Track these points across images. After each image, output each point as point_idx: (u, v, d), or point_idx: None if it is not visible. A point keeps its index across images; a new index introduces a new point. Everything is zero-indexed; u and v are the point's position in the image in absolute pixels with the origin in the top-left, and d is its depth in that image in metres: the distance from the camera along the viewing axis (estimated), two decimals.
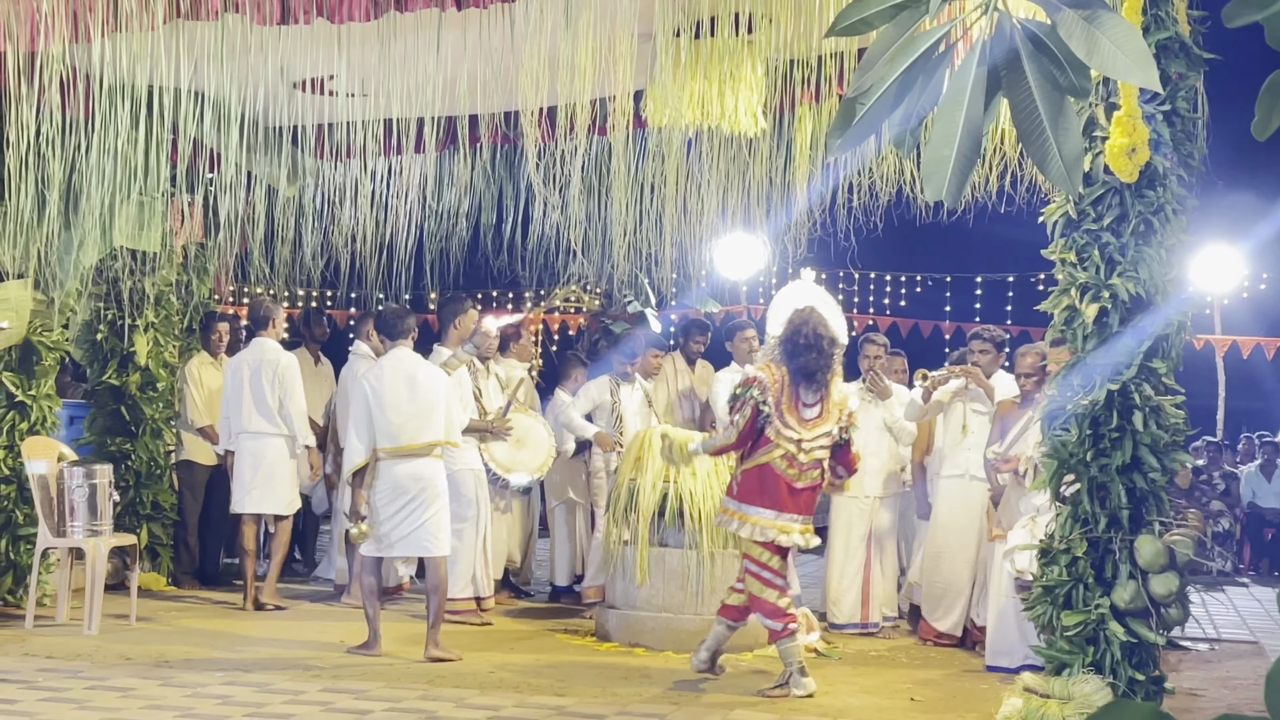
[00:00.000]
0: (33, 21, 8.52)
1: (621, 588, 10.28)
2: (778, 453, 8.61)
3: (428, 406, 9.54)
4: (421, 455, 9.51)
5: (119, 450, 12.09)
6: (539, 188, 10.75)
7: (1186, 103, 7.51)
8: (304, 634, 10.07)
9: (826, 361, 8.66)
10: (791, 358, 8.70)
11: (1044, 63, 3.17)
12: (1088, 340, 7.49)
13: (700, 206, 11.19)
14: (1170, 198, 7.45)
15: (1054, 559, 7.60)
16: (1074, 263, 7.56)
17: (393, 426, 9.46)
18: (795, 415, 8.65)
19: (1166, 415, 7.47)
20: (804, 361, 8.64)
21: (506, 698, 8.05)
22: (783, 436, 8.60)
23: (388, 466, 9.45)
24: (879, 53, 3.26)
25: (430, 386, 9.61)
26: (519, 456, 11.39)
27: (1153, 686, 7.47)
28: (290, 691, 7.97)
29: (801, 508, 8.66)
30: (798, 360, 8.66)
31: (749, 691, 8.55)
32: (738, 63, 9.25)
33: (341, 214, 11.63)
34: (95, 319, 12.18)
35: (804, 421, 8.65)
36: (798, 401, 8.66)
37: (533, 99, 9.09)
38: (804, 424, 8.65)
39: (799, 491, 8.63)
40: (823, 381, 8.68)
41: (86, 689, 7.86)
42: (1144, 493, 7.44)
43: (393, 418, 9.47)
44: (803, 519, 8.67)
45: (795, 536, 8.63)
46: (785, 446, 8.60)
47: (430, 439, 9.52)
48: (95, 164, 9.46)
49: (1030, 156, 3.24)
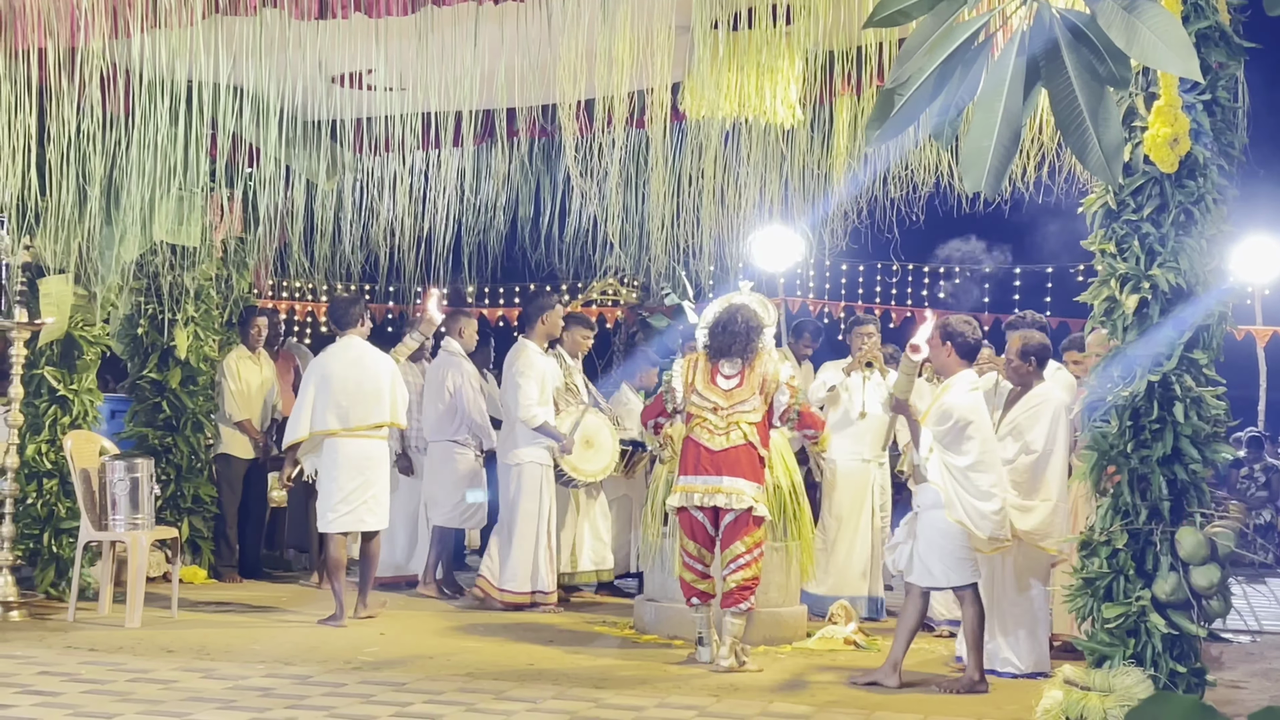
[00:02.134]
0: (73, 17, 8.57)
1: (660, 580, 10.29)
2: (695, 423, 9.34)
3: (375, 391, 10.46)
4: (368, 436, 10.48)
5: (160, 444, 12.16)
6: (577, 180, 10.76)
7: (1227, 92, 7.45)
8: (345, 627, 10.10)
9: (740, 341, 9.34)
10: (712, 336, 9.50)
11: (1083, 53, 3.16)
12: (1128, 331, 7.44)
13: (738, 198, 11.18)
14: (1211, 188, 7.40)
15: (1094, 551, 7.56)
16: (1114, 253, 7.52)
17: (341, 409, 10.37)
18: (712, 386, 9.38)
19: (1207, 406, 7.42)
20: (718, 343, 9.43)
21: (545, 690, 8.07)
22: (698, 406, 9.34)
23: (340, 445, 10.41)
24: (917, 43, 3.25)
25: (377, 372, 10.53)
26: (586, 455, 11.43)
27: (1194, 679, 7.42)
28: (331, 684, 8.01)
29: (725, 469, 9.21)
30: (714, 341, 9.45)
31: (788, 683, 8.56)
32: (776, 54, 9.23)
33: (380, 208, 11.67)
34: (136, 313, 12.23)
35: (723, 391, 9.35)
36: (715, 374, 9.40)
37: (570, 92, 9.10)
38: (722, 394, 9.35)
39: (716, 454, 9.22)
40: (743, 358, 9.35)
41: (129, 681, 7.91)
42: (1185, 484, 7.40)
43: (342, 400, 10.37)
44: (730, 480, 9.18)
45: (721, 497, 9.17)
46: (701, 415, 9.32)
47: (376, 420, 10.48)
48: (135, 159, 9.52)
49: (1070, 147, 3.23)
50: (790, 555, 10.09)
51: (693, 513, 9.20)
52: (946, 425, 8.63)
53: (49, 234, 9.90)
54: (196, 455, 12.35)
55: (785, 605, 10.18)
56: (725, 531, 9.15)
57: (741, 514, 9.10)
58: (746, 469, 9.17)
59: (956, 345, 8.89)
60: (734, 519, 9.12)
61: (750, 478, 9.17)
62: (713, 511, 9.17)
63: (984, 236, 19.60)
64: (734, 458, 9.18)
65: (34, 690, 7.57)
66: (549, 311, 11.56)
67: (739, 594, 9.06)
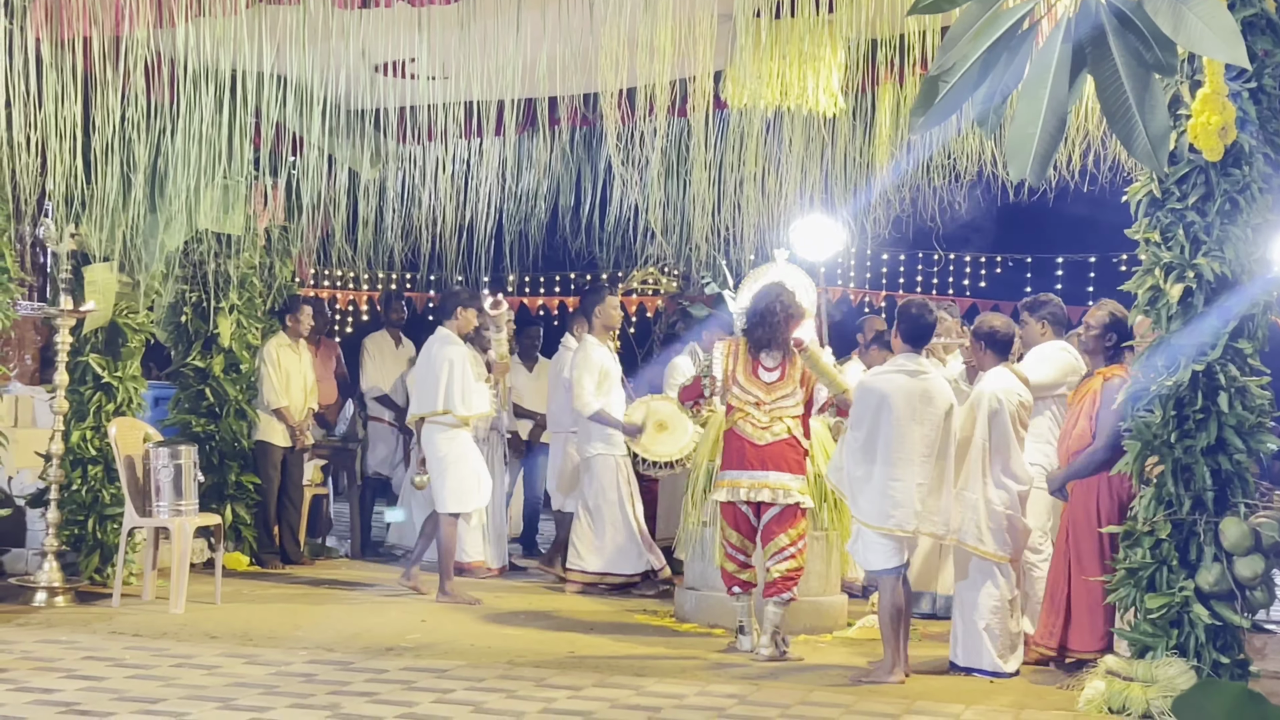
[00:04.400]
0: (118, 6, 8.62)
1: (700, 569, 10.30)
2: (738, 415, 9.27)
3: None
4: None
5: (203, 431, 12.21)
6: (618, 169, 10.76)
7: (1273, 80, 7.42)
8: (386, 614, 10.16)
9: (781, 333, 9.28)
10: (749, 330, 9.44)
11: (1130, 39, 3.14)
12: (1172, 320, 7.42)
13: (779, 187, 11.16)
14: (1256, 176, 7.37)
15: (1138, 541, 7.54)
16: (1158, 242, 7.50)
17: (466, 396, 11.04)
18: (753, 379, 9.30)
19: (1252, 396, 7.39)
20: (758, 334, 9.33)
21: (586, 677, 8.09)
22: (740, 400, 9.30)
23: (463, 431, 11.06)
24: (962, 30, 3.24)
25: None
26: (659, 438, 11.48)
27: (1237, 670, 7.40)
28: (373, 670, 8.04)
29: (770, 464, 9.17)
30: (754, 332, 9.37)
31: (828, 673, 8.55)
32: (818, 42, 9.21)
33: (422, 197, 11.69)
34: (180, 301, 12.28)
35: (764, 385, 9.29)
36: (757, 366, 9.34)
37: (612, 80, 9.10)
38: (764, 387, 9.28)
39: (761, 448, 9.18)
40: (784, 351, 9.30)
41: (173, 666, 7.96)
42: (1229, 474, 7.37)
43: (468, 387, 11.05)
44: (775, 475, 9.16)
45: (765, 492, 9.14)
46: (744, 409, 9.27)
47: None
48: (180, 148, 9.56)
49: (1115, 134, 3.21)
50: (831, 544, 10.08)
51: (738, 505, 9.21)
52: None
53: (94, 222, 9.96)
54: (239, 442, 12.40)
55: (826, 594, 10.18)
56: (769, 523, 9.15)
57: (787, 506, 9.10)
58: (791, 463, 9.18)
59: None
60: (779, 511, 9.12)
61: (795, 471, 9.17)
62: (756, 504, 9.18)
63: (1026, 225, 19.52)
64: (778, 452, 9.18)
65: (79, 675, 7.63)
66: (600, 305, 11.79)
67: (783, 584, 9.07)
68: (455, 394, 10.94)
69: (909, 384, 8.49)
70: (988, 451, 8.50)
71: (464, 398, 10.97)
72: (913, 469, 8.39)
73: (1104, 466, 8.55)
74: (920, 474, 8.39)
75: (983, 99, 3.31)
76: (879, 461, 8.42)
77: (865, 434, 8.48)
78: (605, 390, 11.52)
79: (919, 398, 8.45)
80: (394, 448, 13.67)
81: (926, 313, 8.78)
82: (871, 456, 8.44)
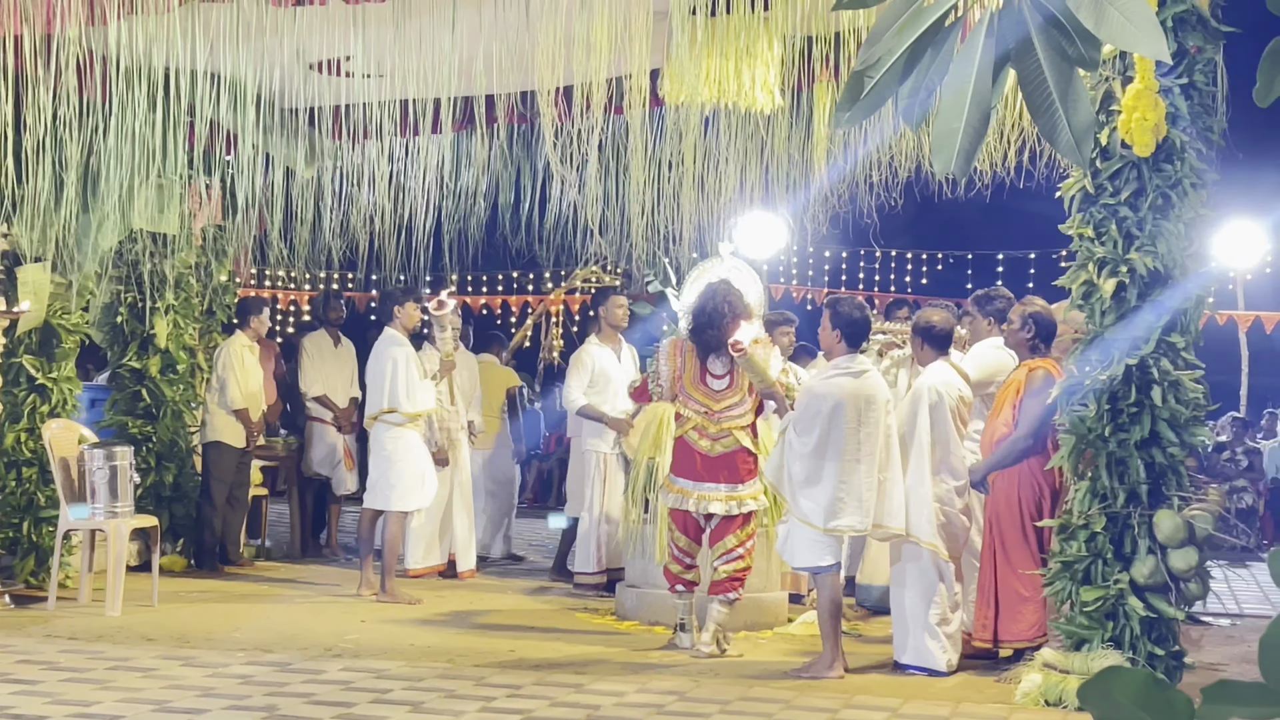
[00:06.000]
0: (49, 4, 8.54)
1: (640, 566, 10.31)
2: (688, 425, 9.13)
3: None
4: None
5: (140, 433, 12.12)
6: (556, 167, 10.75)
7: (1204, 76, 7.49)
8: (326, 615, 10.11)
9: (727, 335, 8.93)
10: (695, 333, 9.18)
11: (1053, 34, 3.16)
12: (1106, 315, 7.48)
13: (719, 184, 11.17)
14: (1189, 172, 7.44)
15: (1073, 534, 7.60)
16: (1091, 237, 7.55)
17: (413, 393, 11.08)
18: (701, 387, 9.13)
19: (1185, 390, 7.46)
20: (705, 337, 9.09)
21: (526, 676, 8.08)
22: (689, 409, 9.11)
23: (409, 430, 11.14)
24: (886, 25, 3.25)
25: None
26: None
27: (1173, 661, 7.47)
28: (311, 670, 8.01)
29: (722, 476, 9.06)
30: (701, 335, 9.12)
31: (768, 669, 8.58)
32: (754, 39, 9.24)
33: (359, 195, 11.65)
34: (115, 301, 12.20)
35: (712, 393, 9.11)
36: (705, 374, 9.14)
37: (549, 78, 9.09)
38: (712, 395, 9.10)
39: (714, 460, 9.05)
40: (733, 356, 8.94)
41: (108, 669, 7.91)
42: (1163, 467, 7.44)
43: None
44: (728, 487, 9.06)
45: (717, 504, 9.04)
46: (694, 419, 9.09)
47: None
48: (113, 146, 9.48)
49: (1039, 129, 3.24)
50: (771, 540, 10.08)
51: (691, 512, 9.17)
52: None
53: (26, 222, 9.87)
54: (177, 444, 12.33)
55: (766, 590, 10.20)
56: (718, 526, 9.14)
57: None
58: (743, 471, 9.14)
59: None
60: (728, 516, 9.12)
61: (746, 478, 9.14)
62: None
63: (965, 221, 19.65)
64: (730, 462, 9.12)
65: (13, 679, 7.57)
66: (604, 306, 12.12)
67: (729, 583, 9.07)
68: (400, 391, 10.95)
69: (855, 386, 8.46)
70: (932, 445, 8.54)
71: (409, 395, 10.99)
72: (861, 470, 8.37)
73: (1026, 455, 8.57)
74: (868, 474, 8.38)
75: (909, 94, 3.32)
76: (830, 466, 8.35)
77: (816, 439, 8.39)
78: (600, 390, 11.57)
79: (864, 400, 8.43)
80: (333, 448, 13.61)
81: (861, 310, 8.75)
82: (821, 461, 8.37)
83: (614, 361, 11.79)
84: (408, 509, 11.04)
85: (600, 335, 11.97)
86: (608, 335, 11.93)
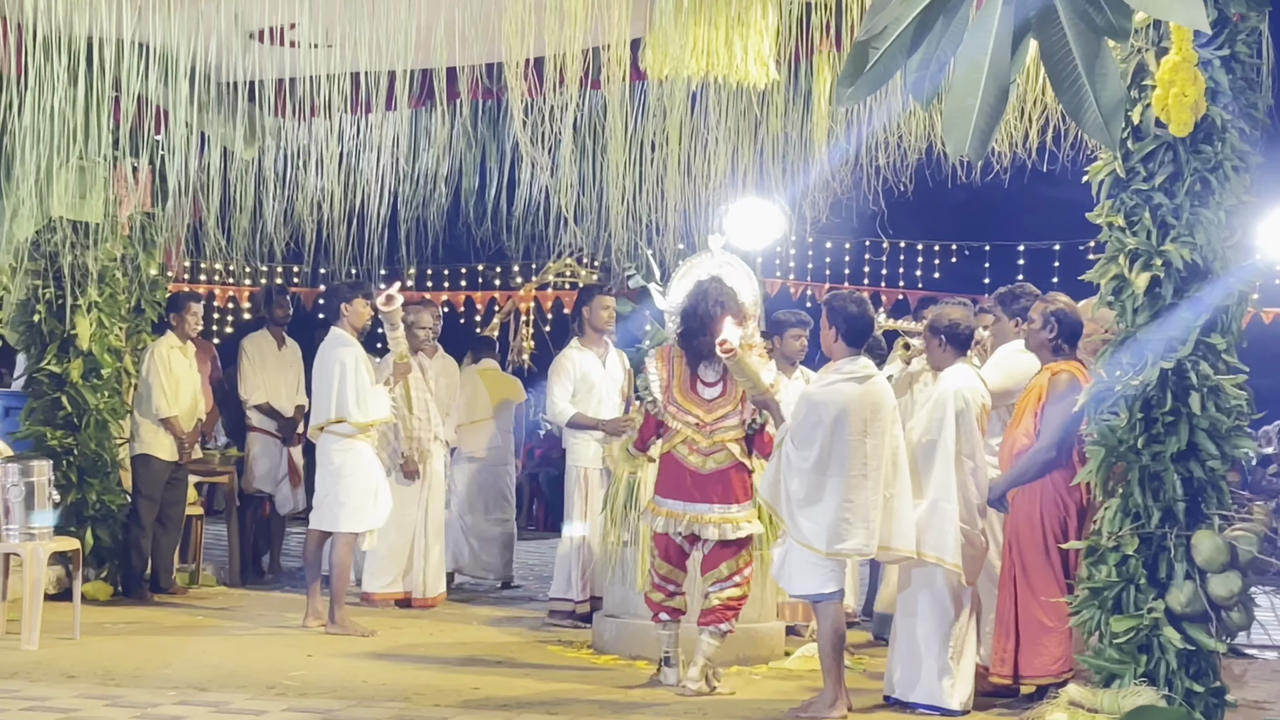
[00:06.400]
0: None
1: (620, 593, 10.29)
2: (677, 439, 9.09)
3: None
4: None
5: (60, 445, 12.08)
6: (526, 148, 10.73)
7: (1248, 47, 7.48)
8: (268, 648, 10.09)
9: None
10: (684, 338, 9.15)
11: (1078, 1, 3.16)
12: (1138, 313, 7.47)
13: (707, 168, 11.16)
14: (1230, 153, 7.42)
15: (1102, 558, 7.59)
16: (1122, 227, 7.54)
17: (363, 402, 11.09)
18: (692, 396, 9.10)
19: (1227, 397, 7.45)
20: (697, 343, 9.04)
21: (492, 717, 8.08)
22: (678, 420, 9.08)
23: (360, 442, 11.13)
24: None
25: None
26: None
27: (1213, 699, 7.45)
28: (251, 711, 8.00)
29: (715, 496, 9.01)
30: (690, 341, 9.08)
31: (763, 709, 8.57)
32: (747, 5, 9.23)
33: (306, 179, 11.62)
34: (32, 299, 12.15)
35: (704, 403, 9.08)
36: (695, 381, 9.12)
37: (518, 49, 9.07)
38: (703, 405, 9.07)
39: (706, 478, 9.00)
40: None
41: (23, 710, 7.88)
42: (1202, 483, 7.42)
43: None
44: (721, 507, 9.00)
45: (710, 529, 8.98)
46: (683, 431, 9.07)
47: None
48: (29, 125, 9.45)
49: (1063, 106, 3.24)
50: (766, 565, 10.07)
51: (672, 537, 9.14)
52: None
53: None
54: (102, 457, 12.28)
55: (761, 621, 10.20)
56: (711, 552, 9.10)
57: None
58: (738, 490, 9.10)
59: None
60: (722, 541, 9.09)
61: (741, 499, 9.09)
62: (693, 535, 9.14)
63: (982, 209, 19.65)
64: (724, 481, 9.08)
65: None
66: (588, 306, 12.17)
67: (722, 612, 9.02)
68: (349, 399, 10.91)
69: (859, 393, 8.42)
70: (959, 456, 8.55)
71: (359, 402, 10.94)
72: (868, 486, 8.34)
73: (1049, 468, 8.57)
74: (875, 491, 8.35)
75: (917, 66, 3.32)
76: (833, 482, 8.31)
77: (816, 453, 8.34)
78: (583, 399, 11.66)
79: (870, 409, 8.40)
80: (277, 462, 13.59)
81: (859, 305, 8.70)
82: (823, 477, 8.33)
83: (598, 367, 11.79)
84: (358, 530, 11.01)
85: (582, 339, 11.98)
86: (590, 339, 11.94)
